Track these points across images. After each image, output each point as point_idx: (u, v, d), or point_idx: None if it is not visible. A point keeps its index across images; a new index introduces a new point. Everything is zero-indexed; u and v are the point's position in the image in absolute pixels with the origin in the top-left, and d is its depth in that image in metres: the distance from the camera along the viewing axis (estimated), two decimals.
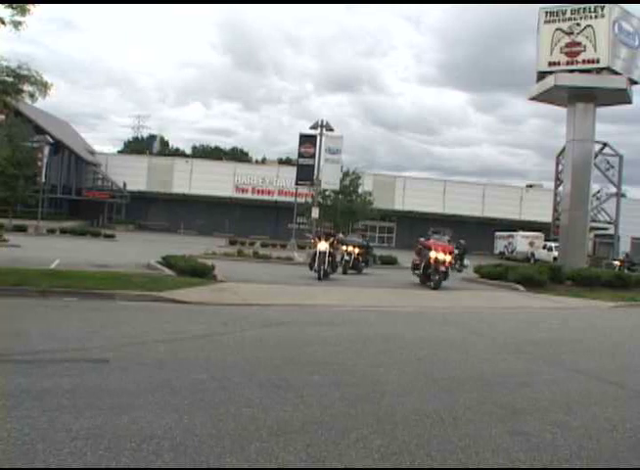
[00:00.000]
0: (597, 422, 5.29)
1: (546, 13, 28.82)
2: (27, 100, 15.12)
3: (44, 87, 14.63)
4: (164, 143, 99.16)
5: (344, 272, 22.95)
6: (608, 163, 32.37)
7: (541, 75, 28.76)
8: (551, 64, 28.56)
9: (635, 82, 27.98)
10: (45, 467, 3.58)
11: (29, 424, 4.26)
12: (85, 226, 47.98)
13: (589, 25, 27.86)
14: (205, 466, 3.75)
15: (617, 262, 36.79)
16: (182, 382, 5.67)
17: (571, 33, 28.24)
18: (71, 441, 4.00)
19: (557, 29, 28.52)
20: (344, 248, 24.23)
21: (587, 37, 27.90)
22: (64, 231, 39.69)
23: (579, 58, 28.02)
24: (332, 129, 34.34)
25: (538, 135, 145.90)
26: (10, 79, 14.18)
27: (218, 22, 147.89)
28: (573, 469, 4.14)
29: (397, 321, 11.44)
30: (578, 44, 28.22)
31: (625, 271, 30.77)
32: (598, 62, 27.46)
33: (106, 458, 3.75)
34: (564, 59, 28.27)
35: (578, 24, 28.10)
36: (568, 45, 28.30)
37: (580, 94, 27.74)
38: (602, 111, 29.75)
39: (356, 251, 24.12)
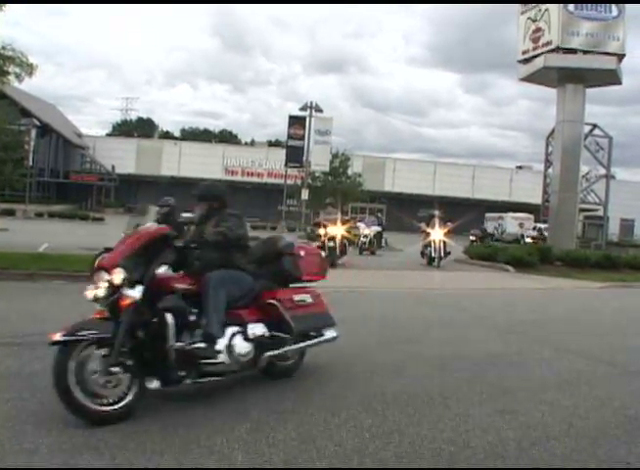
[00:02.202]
0: (587, 400, 5.32)
1: (522, 4, 29.94)
2: (13, 81, 14.90)
3: (30, 68, 14.44)
4: (153, 126, 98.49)
5: (360, 253, 23.38)
6: (597, 144, 32.32)
7: (523, 62, 29.67)
8: (524, 52, 29.61)
9: (623, 55, 28.04)
10: (45, 466, 3.56)
11: (19, 406, 4.25)
12: (74, 210, 47.73)
13: (547, 9, 28.67)
14: (196, 446, 3.74)
15: (472, 237, 35.15)
16: None
17: (536, 20, 29.13)
18: (61, 422, 3.99)
19: (528, 19, 29.55)
20: (362, 231, 24.57)
21: (545, 21, 28.70)
22: (52, 215, 39.53)
23: (540, 42, 28.84)
24: (321, 111, 34.31)
25: (528, 117, 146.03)
26: None
27: (206, 4, 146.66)
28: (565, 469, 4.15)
29: (388, 301, 11.45)
30: (540, 29, 29.02)
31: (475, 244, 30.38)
32: (551, 43, 28.19)
33: (95, 438, 3.76)
34: (531, 46, 29.27)
35: (540, 10, 28.99)
36: (533, 31, 29.24)
37: (570, 75, 27.74)
38: (591, 92, 29.74)
39: (372, 233, 24.71)
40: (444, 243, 20.04)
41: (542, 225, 39.29)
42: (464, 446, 4.03)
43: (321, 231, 18.54)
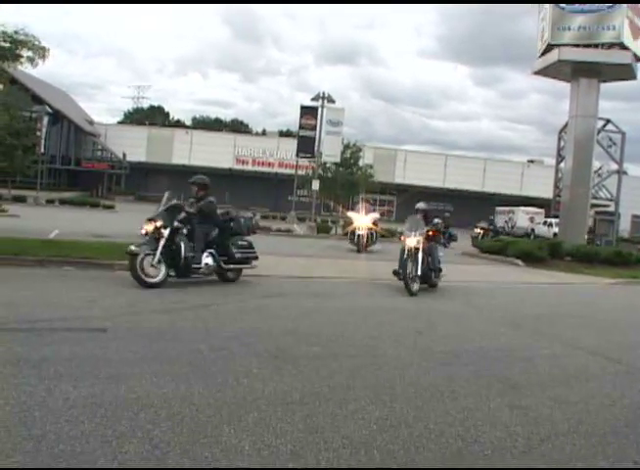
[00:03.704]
0: (595, 397, 5.28)
1: (539, 6, 30.83)
2: (27, 65, 14.89)
3: (42, 52, 14.43)
4: (165, 114, 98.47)
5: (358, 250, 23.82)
6: (610, 139, 32.08)
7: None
8: (539, 51, 30.26)
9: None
10: (54, 452, 3.56)
11: (27, 392, 4.24)
12: (84, 197, 47.73)
13: (545, 8, 29.65)
14: (203, 436, 3.74)
15: (478, 230, 34.07)
16: (180, 352, 5.66)
17: (543, 20, 30.01)
18: (69, 409, 3.99)
19: (541, 19, 30.41)
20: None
21: (544, 19, 29.72)
22: (63, 202, 39.60)
23: (543, 39, 29.69)
24: (333, 101, 34.17)
25: (539, 111, 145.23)
26: (7, 45, 13.99)
27: (216, 4, 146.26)
28: None
29: (397, 295, 11.42)
30: (543, 29, 29.91)
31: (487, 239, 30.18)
32: (547, 42, 29.13)
33: (103, 426, 3.74)
34: (540, 45, 30.11)
35: (543, 9, 30.05)
36: (541, 31, 30.21)
37: (584, 69, 27.59)
38: (605, 87, 29.56)
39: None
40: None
41: (553, 220, 39.06)
42: (472, 441, 4.01)
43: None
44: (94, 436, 3.61)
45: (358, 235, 21.35)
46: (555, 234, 35.51)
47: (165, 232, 9.75)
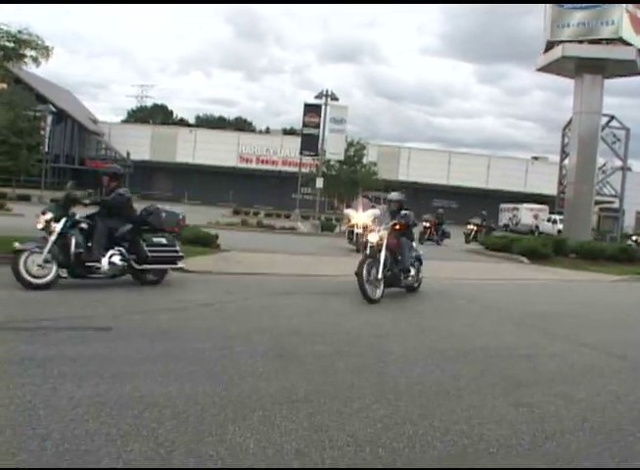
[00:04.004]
0: (601, 395, 5.26)
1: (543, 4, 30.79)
2: (31, 65, 14.93)
3: (46, 51, 14.45)
4: (168, 113, 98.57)
5: (421, 243, 25.06)
6: (614, 136, 31.98)
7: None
8: (543, 49, 30.39)
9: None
10: (59, 451, 3.56)
11: (32, 391, 4.25)
12: None
13: (546, 7, 29.86)
14: (208, 434, 3.73)
15: (471, 227, 32.37)
16: (184, 351, 5.66)
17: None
18: (74, 408, 3.99)
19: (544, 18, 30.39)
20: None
21: (545, 18, 29.94)
22: None
23: (544, 39, 29.98)
24: (337, 99, 34.19)
25: (542, 107, 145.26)
26: (11, 44, 14.01)
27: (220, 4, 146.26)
28: None
29: (401, 293, 11.41)
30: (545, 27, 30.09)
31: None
32: (547, 39, 29.53)
33: (107, 425, 3.74)
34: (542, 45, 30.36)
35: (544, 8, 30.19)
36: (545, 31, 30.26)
37: (588, 65, 27.55)
38: (610, 83, 29.50)
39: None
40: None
41: (558, 217, 39.02)
42: (478, 439, 3.99)
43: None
44: (99, 435, 3.61)
45: (356, 233, 20.14)
46: (559, 231, 35.41)
47: (57, 226, 8.66)
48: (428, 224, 29.36)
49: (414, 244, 11.63)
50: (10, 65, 14.90)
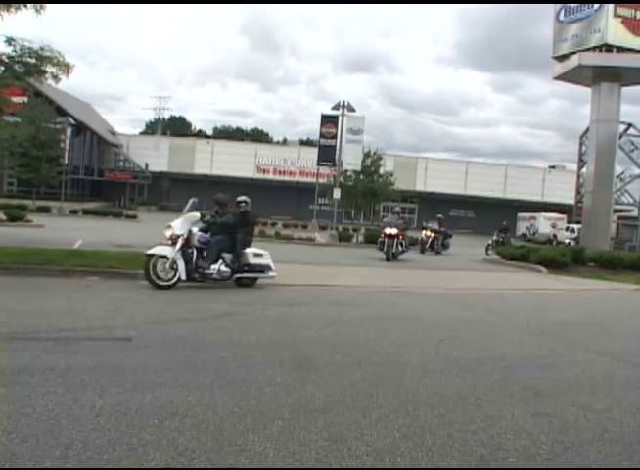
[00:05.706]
0: (620, 405, 5.23)
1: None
2: (50, 81, 15.16)
3: (66, 68, 14.66)
4: (186, 124, 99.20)
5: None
6: (632, 144, 31.77)
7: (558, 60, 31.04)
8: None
9: None
10: (81, 458, 3.61)
11: (54, 400, 4.30)
12: (107, 207, 48.33)
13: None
14: (227, 444, 3.76)
15: (427, 233, 28.88)
16: (204, 360, 5.70)
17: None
18: (95, 417, 4.04)
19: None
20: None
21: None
22: (86, 212, 40.06)
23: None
24: (353, 110, 34.22)
25: (558, 116, 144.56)
26: (33, 60, 14.24)
27: (234, 3, 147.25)
28: None
29: (420, 302, 11.41)
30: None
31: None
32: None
33: (128, 435, 3.78)
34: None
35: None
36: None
37: (605, 73, 27.47)
38: (627, 91, 29.35)
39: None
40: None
41: (576, 226, 38.74)
42: (496, 449, 3.99)
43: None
44: (120, 444, 3.65)
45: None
46: (576, 240, 35.08)
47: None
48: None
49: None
50: (31, 80, 15.13)
